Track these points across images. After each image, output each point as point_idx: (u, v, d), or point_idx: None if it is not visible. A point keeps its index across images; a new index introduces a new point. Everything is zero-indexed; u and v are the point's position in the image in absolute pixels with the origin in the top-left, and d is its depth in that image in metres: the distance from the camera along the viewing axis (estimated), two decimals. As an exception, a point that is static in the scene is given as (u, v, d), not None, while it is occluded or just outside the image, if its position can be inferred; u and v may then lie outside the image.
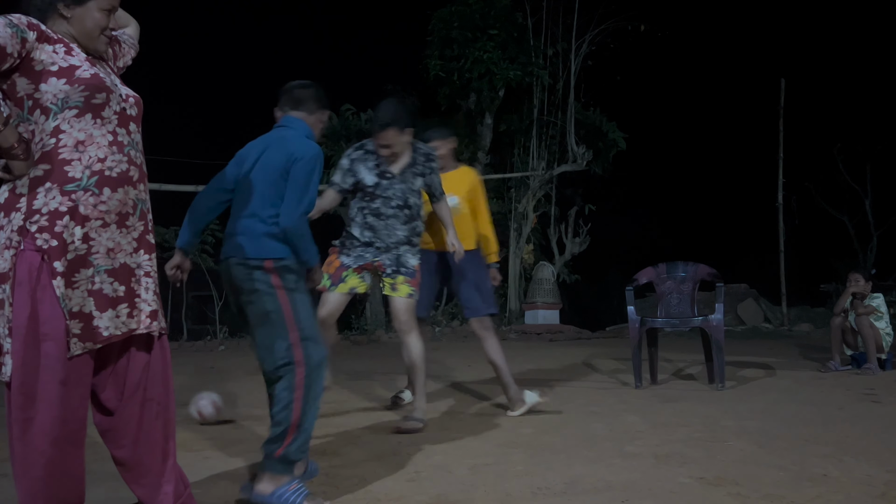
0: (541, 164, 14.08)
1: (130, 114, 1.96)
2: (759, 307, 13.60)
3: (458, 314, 13.51)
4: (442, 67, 13.65)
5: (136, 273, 1.93)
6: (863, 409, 3.98)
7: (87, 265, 1.83)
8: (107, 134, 1.88)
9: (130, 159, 1.92)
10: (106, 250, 1.86)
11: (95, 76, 1.88)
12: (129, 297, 1.90)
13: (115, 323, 1.86)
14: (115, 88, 1.93)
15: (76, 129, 1.84)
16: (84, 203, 1.82)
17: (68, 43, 1.91)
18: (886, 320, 5.92)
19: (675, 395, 4.68)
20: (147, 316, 1.94)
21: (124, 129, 1.92)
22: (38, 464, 1.76)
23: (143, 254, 1.95)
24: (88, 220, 1.83)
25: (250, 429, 3.71)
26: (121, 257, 1.89)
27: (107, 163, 1.86)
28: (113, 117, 1.90)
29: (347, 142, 13.46)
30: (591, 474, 2.61)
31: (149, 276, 1.96)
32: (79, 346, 1.79)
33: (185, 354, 9.85)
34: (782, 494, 2.32)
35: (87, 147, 1.84)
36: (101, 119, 1.87)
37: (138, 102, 2.02)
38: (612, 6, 13.83)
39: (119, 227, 1.88)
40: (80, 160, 1.83)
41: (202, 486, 2.58)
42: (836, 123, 17.47)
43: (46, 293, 1.76)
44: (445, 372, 6.40)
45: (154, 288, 1.98)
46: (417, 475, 2.66)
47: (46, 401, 1.76)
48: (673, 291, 5.42)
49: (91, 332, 1.82)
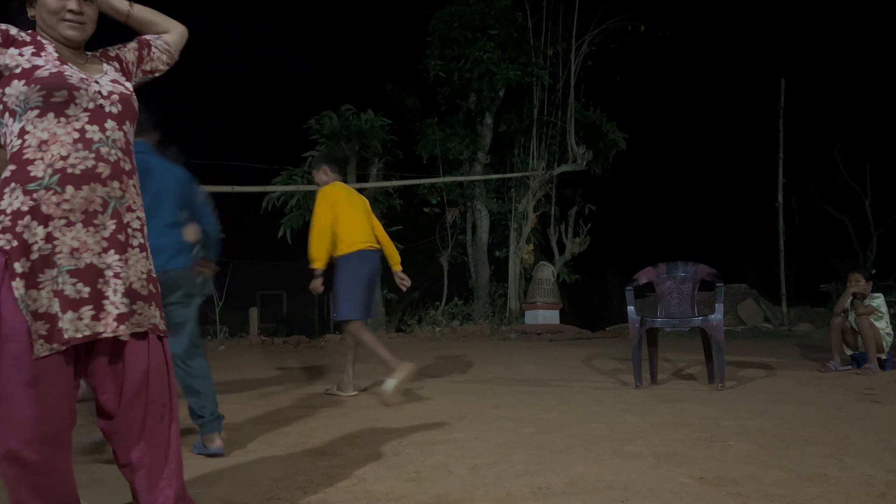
0: (541, 164, 14.09)
1: (110, 111, 1.91)
2: (759, 307, 13.60)
3: (458, 314, 13.52)
4: (442, 67, 13.65)
5: (105, 274, 1.84)
6: (863, 409, 3.98)
7: (51, 265, 1.79)
8: (72, 132, 1.84)
9: (100, 156, 1.86)
10: (70, 250, 1.80)
11: (55, 75, 1.84)
12: (95, 299, 1.82)
13: (77, 325, 1.79)
14: (84, 85, 1.88)
15: (39, 129, 1.82)
16: (46, 202, 1.79)
17: (41, 42, 1.91)
18: (886, 320, 5.92)
19: (675, 395, 4.68)
20: (115, 319, 1.84)
21: (97, 126, 1.87)
22: (15, 464, 1.75)
23: (112, 254, 1.86)
24: (51, 219, 1.79)
25: (250, 429, 3.71)
26: (87, 257, 1.82)
27: (69, 160, 1.82)
28: (82, 115, 1.86)
29: (347, 142, 13.48)
30: (591, 474, 2.61)
31: (118, 277, 1.86)
32: (45, 347, 1.76)
33: (185, 354, 9.85)
34: (782, 494, 2.32)
35: (51, 146, 1.82)
36: (66, 117, 1.84)
37: (125, 100, 1.96)
38: (612, 6, 13.84)
39: (85, 226, 1.82)
40: (42, 159, 1.81)
41: (202, 485, 2.58)
42: (836, 123, 17.49)
43: (9, 295, 1.75)
44: (445, 371, 6.41)
45: (123, 290, 1.86)
46: (417, 475, 2.67)
47: (16, 401, 1.74)
48: (673, 291, 5.41)
49: (55, 334, 1.78)
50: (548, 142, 14.27)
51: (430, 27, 13.89)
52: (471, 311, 13.64)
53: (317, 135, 13.47)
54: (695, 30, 18.21)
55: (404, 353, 8.41)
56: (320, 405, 4.53)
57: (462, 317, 13.48)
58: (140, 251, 1.94)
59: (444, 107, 14.60)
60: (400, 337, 11.73)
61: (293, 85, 28.92)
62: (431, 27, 13.88)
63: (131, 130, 1.99)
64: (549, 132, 14.29)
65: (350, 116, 13.34)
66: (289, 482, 2.60)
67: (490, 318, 13.34)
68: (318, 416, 4.10)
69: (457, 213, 14.79)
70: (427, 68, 13.82)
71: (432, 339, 11.24)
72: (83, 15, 1.96)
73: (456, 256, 15.01)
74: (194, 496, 2.42)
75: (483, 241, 14.39)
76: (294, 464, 2.90)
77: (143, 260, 1.94)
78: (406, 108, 15.02)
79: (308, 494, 2.44)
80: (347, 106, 13.43)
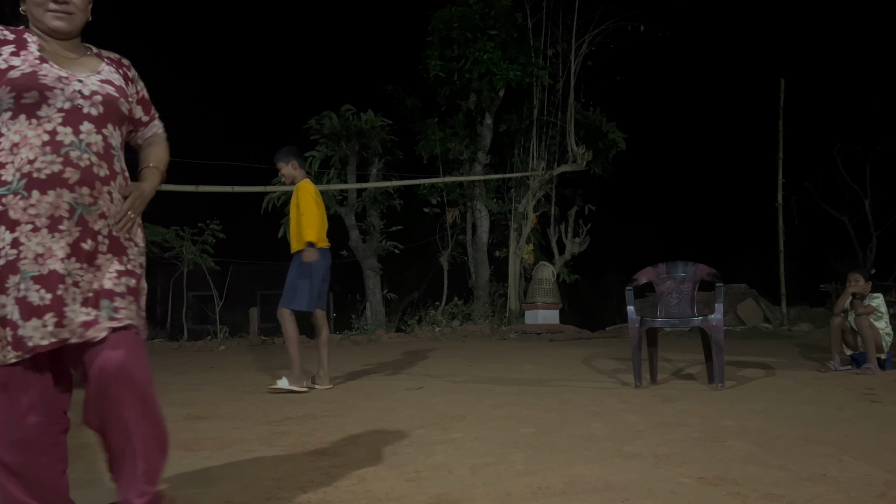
0: (541, 165, 14.09)
1: (89, 112, 1.84)
2: (759, 307, 13.61)
3: (458, 314, 13.53)
4: (442, 68, 13.66)
5: (65, 281, 1.77)
6: (863, 409, 3.98)
7: (15, 271, 1.74)
8: (42, 134, 1.78)
9: (68, 160, 1.79)
10: (34, 255, 1.75)
11: (27, 75, 1.80)
12: (57, 306, 1.75)
13: (42, 333, 1.73)
14: (60, 84, 1.82)
15: (12, 132, 1.79)
16: (13, 207, 1.75)
17: (26, 40, 1.87)
18: (886, 320, 5.92)
19: (675, 395, 4.68)
20: (80, 325, 1.78)
21: (71, 127, 1.81)
22: None
23: (74, 261, 1.79)
24: (18, 224, 1.75)
25: (250, 429, 3.71)
26: (51, 263, 1.76)
27: (35, 164, 1.76)
28: (55, 116, 1.80)
29: (348, 142, 13.48)
30: (591, 474, 2.61)
31: (77, 286, 1.79)
32: (11, 353, 1.74)
33: (185, 354, 9.85)
34: (782, 494, 2.32)
35: (21, 149, 1.77)
36: (38, 119, 1.79)
37: (109, 102, 1.89)
38: (612, 6, 13.86)
39: (51, 232, 1.77)
40: (12, 163, 1.77)
41: (202, 485, 2.58)
42: (836, 123, 17.51)
43: None
44: (445, 371, 6.41)
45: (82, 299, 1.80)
46: (417, 475, 2.67)
47: None
48: (673, 291, 5.41)
49: (19, 341, 1.74)
50: (548, 142, 14.28)
51: (430, 27, 13.90)
52: (471, 311, 13.65)
53: (317, 135, 13.47)
54: (694, 30, 18.25)
55: (404, 353, 8.44)
56: (320, 405, 4.53)
57: (462, 317, 13.48)
58: (111, 255, 1.87)
59: (444, 107, 14.60)
60: (400, 336, 11.74)
61: (293, 85, 28.92)
62: (431, 27, 13.88)
63: (116, 133, 1.92)
64: (549, 132, 14.29)
65: (350, 116, 13.34)
66: (289, 482, 2.60)
67: (490, 318, 13.34)
68: (318, 416, 4.10)
69: (457, 213, 14.79)
70: (427, 68, 13.83)
71: (432, 339, 11.24)
72: (69, 4, 1.90)
73: (456, 256, 15.01)
74: (194, 496, 2.43)
75: (483, 241, 14.39)
76: (294, 464, 2.89)
77: (114, 261, 1.87)
78: (406, 108, 15.03)
79: (308, 494, 2.44)
80: (347, 106, 13.43)
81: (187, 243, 12.42)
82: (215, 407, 4.51)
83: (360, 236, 13.97)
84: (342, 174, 13.60)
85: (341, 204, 13.63)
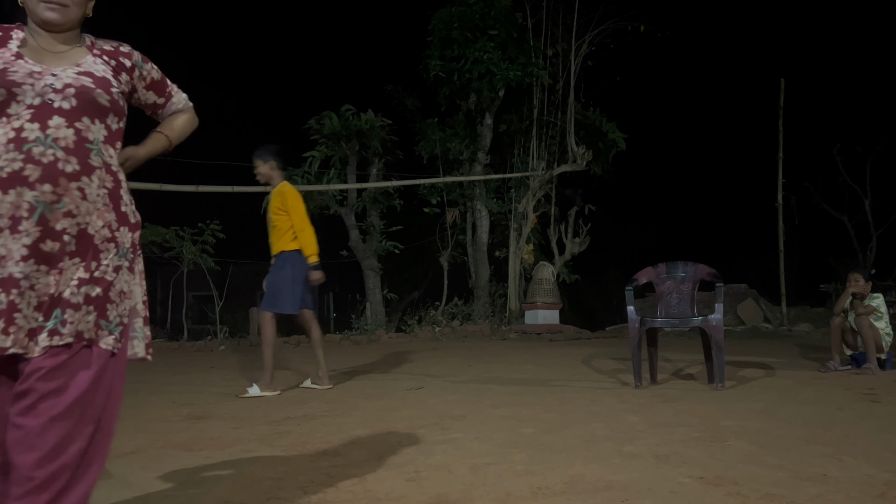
0: (541, 165, 14.09)
1: (60, 106, 1.77)
2: (759, 307, 13.61)
3: (458, 314, 13.53)
4: (442, 68, 13.66)
5: (21, 285, 1.69)
6: (863, 409, 3.98)
7: None
8: (10, 131, 1.73)
9: (29, 157, 1.71)
10: None
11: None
12: (8, 312, 1.67)
13: None
14: (31, 80, 1.77)
15: None
16: None
17: (9, 36, 1.85)
18: (886, 320, 5.92)
19: (675, 395, 4.68)
20: (26, 335, 1.69)
21: (39, 123, 1.74)
22: None
23: (32, 263, 1.70)
24: None
25: (250, 429, 3.71)
26: (10, 266, 1.69)
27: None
28: (24, 112, 1.75)
29: (348, 142, 13.48)
30: (591, 474, 2.61)
31: (33, 289, 1.71)
32: None
33: (185, 354, 9.86)
34: (782, 494, 2.32)
35: None
36: (7, 116, 1.75)
37: (83, 94, 1.81)
38: (612, 6, 13.86)
39: (12, 233, 1.70)
40: None
41: (202, 485, 2.58)
42: (836, 123, 17.53)
43: None
44: (445, 371, 6.41)
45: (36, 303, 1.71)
46: (417, 475, 2.66)
47: None
48: (673, 291, 5.41)
49: None
50: (548, 142, 14.28)
51: (430, 27, 13.90)
52: (471, 311, 13.65)
53: (317, 135, 13.46)
54: (694, 30, 18.26)
55: (404, 353, 8.44)
56: (320, 405, 4.53)
57: (462, 317, 13.48)
58: (79, 259, 1.77)
59: (444, 107, 14.60)
60: (400, 336, 11.74)
61: (293, 85, 28.93)
62: (431, 27, 13.88)
63: (94, 126, 1.83)
64: (549, 132, 14.30)
65: (350, 116, 13.34)
66: (289, 482, 2.60)
67: (490, 318, 13.34)
68: (318, 416, 4.10)
69: (457, 213, 14.79)
70: (427, 68, 13.83)
71: (432, 339, 11.24)
72: None
73: (456, 256, 15.01)
74: (194, 496, 2.43)
75: (483, 241, 14.39)
76: (294, 464, 2.89)
77: (80, 267, 1.77)
78: (406, 108, 15.03)
79: (308, 494, 2.43)
80: (347, 106, 13.43)
81: (187, 243, 12.41)
82: (215, 407, 4.51)
83: (360, 236, 13.98)
84: (342, 174, 13.60)
85: (341, 204, 13.63)
